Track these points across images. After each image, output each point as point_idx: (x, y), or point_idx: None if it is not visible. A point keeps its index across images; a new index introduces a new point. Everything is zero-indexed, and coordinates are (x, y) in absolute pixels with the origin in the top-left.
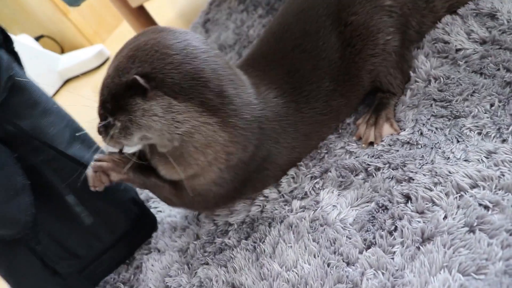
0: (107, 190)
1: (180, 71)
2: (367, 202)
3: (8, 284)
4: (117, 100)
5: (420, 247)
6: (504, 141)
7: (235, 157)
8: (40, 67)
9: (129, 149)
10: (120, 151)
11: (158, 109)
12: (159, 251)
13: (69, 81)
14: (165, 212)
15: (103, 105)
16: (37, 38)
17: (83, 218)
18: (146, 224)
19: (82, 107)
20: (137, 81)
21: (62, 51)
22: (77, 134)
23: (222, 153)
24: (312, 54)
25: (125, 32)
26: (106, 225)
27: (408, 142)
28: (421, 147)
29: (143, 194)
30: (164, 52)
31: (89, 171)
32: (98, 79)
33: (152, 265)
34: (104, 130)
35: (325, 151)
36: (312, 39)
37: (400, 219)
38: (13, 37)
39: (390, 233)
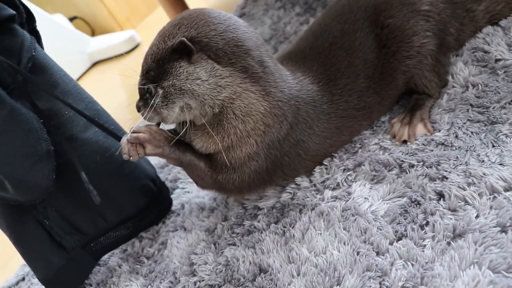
0: (120, 173)
1: (224, 38)
2: (399, 197)
3: (17, 251)
4: (162, 65)
5: (451, 242)
6: None
7: (272, 130)
8: (71, 47)
9: (165, 127)
10: (157, 126)
11: (202, 72)
12: (185, 229)
13: (97, 63)
14: (193, 193)
15: (146, 74)
16: (71, 19)
17: (94, 197)
18: (156, 210)
19: (108, 90)
20: (184, 43)
21: (93, 34)
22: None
23: (261, 123)
24: (348, 52)
25: (156, 20)
26: (113, 206)
27: (443, 143)
28: (456, 149)
29: (172, 174)
30: (209, 20)
31: (124, 141)
32: (126, 64)
33: (178, 242)
34: (144, 103)
35: (359, 145)
36: (349, 39)
37: (432, 214)
38: (47, 15)
39: (422, 227)
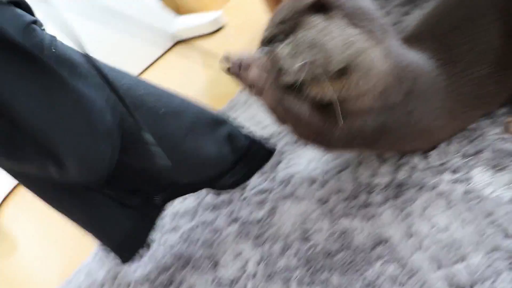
0: (190, 139)
1: (355, 4)
2: None
3: (81, 226)
4: (296, 18)
5: None
6: None
7: (389, 92)
8: (156, 25)
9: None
10: None
11: (334, 28)
12: (296, 197)
13: (180, 43)
14: (301, 166)
15: (279, 23)
16: None
17: (158, 159)
18: (249, 162)
19: (189, 70)
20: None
21: (179, 13)
22: None
23: (380, 82)
24: (471, 38)
25: (241, 2)
26: (186, 166)
27: None
28: None
29: (278, 146)
30: None
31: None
32: (209, 45)
33: (288, 209)
34: (268, 49)
35: (479, 133)
36: (473, 24)
37: None
38: None
39: None
